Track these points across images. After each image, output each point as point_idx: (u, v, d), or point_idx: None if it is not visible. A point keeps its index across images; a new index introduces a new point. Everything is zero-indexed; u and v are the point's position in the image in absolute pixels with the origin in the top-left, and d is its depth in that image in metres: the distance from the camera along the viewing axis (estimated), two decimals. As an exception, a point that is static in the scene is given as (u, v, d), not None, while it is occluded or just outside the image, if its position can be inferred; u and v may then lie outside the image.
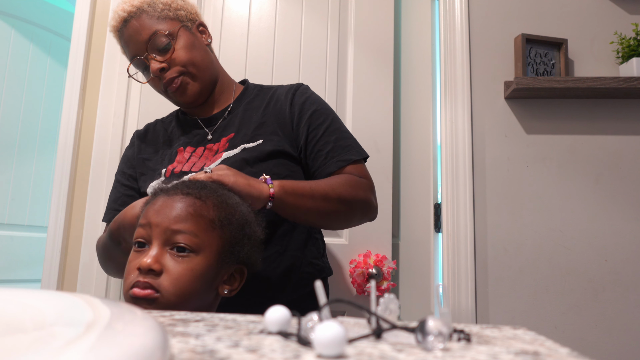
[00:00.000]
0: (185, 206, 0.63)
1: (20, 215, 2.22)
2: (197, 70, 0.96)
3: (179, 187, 0.66)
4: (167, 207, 0.63)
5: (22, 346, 0.22)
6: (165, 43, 0.93)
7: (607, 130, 1.55)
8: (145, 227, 0.63)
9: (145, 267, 0.59)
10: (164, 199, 0.64)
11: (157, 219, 0.62)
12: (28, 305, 0.30)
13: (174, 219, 0.62)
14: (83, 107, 1.63)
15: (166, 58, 0.94)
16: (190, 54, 0.95)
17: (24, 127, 2.26)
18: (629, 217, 1.50)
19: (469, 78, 1.58)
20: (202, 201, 0.64)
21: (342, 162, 0.94)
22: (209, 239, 0.63)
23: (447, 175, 1.54)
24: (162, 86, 0.96)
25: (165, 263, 0.61)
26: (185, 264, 0.61)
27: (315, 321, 0.34)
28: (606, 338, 1.44)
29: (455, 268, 1.48)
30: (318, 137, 0.96)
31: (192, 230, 0.62)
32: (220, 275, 0.66)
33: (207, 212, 0.64)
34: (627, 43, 1.51)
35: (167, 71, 0.94)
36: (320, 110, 1.00)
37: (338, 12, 1.62)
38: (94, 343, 0.21)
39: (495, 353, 0.31)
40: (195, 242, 0.62)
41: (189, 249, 0.62)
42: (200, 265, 0.62)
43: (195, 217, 0.63)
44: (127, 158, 1.06)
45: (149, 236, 0.63)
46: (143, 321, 0.26)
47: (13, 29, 2.23)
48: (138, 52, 0.95)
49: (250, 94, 1.05)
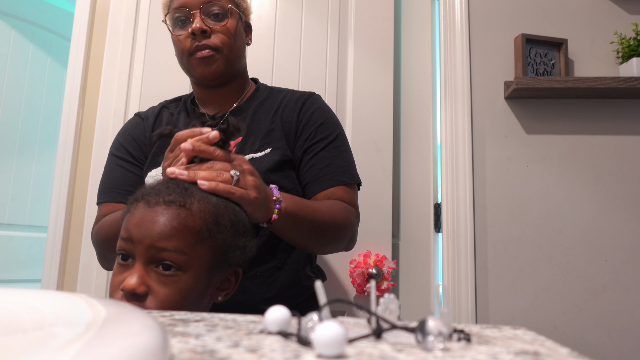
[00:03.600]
0: (169, 220, 0.56)
1: (20, 215, 2.22)
2: (230, 55, 0.94)
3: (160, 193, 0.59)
4: (149, 221, 0.57)
5: (22, 346, 0.22)
6: (221, 13, 0.93)
7: (607, 130, 1.55)
8: (127, 241, 0.57)
9: (129, 290, 0.54)
10: (144, 209, 0.58)
11: (139, 234, 0.56)
12: (28, 305, 0.30)
13: (157, 235, 0.56)
14: (83, 107, 1.63)
15: (212, 26, 0.92)
16: (234, 38, 0.94)
17: (24, 127, 2.25)
18: (629, 217, 1.50)
19: (469, 78, 1.58)
20: (187, 209, 0.58)
21: (334, 182, 0.91)
22: (198, 253, 0.58)
23: (447, 175, 1.54)
24: (191, 47, 0.92)
25: (151, 284, 0.56)
26: (172, 284, 0.56)
27: (315, 321, 0.34)
28: (606, 338, 1.44)
29: (455, 268, 1.48)
30: (317, 151, 0.94)
31: (179, 247, 0.56)
32: (213, 284, 0.61)
33: (194, 222, 0.58)
34: (627, 43, 1.51)
35: (207, 38, 0.91)
36: (327, 124, 0.97)
37: (338, 12, 1.62)
38: (93, 343, 0.21)
39: (495, 353, 0.31)
40: (183, 259, 0.56)
41: (175, 267, 0.56)
42: (189, 283, 0.57)
43: (181, 231, 0.56)
44: (133, 138, 0.99)
45: (131, 251, 0.57)
46: (143, 321, 0.26)
47: (13, 29, 2.23)
48: (190, 4, 0.91)
49: (261, 95, 1.03)
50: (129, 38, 1.62)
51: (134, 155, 0.98)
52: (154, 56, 1.59)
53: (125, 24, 1.62)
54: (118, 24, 1.63)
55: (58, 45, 2.40)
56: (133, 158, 0.97)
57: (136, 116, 1.05)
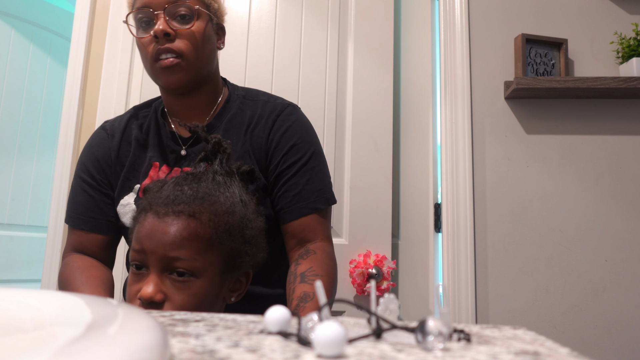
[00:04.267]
0: (179, 230, 0.58)
1: (20, 215, 2.22)
2: (196, 62, 0.86)
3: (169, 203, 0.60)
4: (159, 232, 0.58)
5: (22, 346, 0.22)
6: (187, 15, 0.85)
7: (607, 130, 1.55)
8: (139, 252, 0.59)
9: (147, 298, 0.57)
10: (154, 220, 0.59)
11: (151, 246, 0.58)
12: (28, 305, 0.30)
13: (169, 246, 0.58)
14: (83, 107, 1.63)
15: (177, 28, 0.85)
16: (200, 43, 0.86)
17: (24, 127, 2.26)
18: (629, 217, 1.50)
19: (469, 78, 1.58)
20: (196, 219, 0.59)
21: (307, 210, 0.87)
22: (209, 259, 0.60)
23: (447, 175, 1.54)
24: (153, 52, 0.85)
25: (167, 291, 0.58)
26: (187, 290, 0.58)
27: (315, 321, 0.34)
28: (606, 338, 1.44)
29: (455, 268, 1.48)
30: (289, 176, 0.89)
31: (190, 255, 0.58)
32: (225, 286, 0.64)
33: (204, 231, 0.59)
34: (627, 43, 1.51)
35: (170, 42, 0.84)
36: (299, 144, 0.91)
37: (338, 12, 1.62)
38: (93, 343, 0.21)
39: (495, 353, 0.31)
40: (195, 266, 0.58)
41: (189, 273, 0.59)
42: (203, 287, 0.59)
43: (191, 240, 0.58)
44: (96, 158, 0.92)
45: (145, 262, 0.59)
46: (143, 321, 0.26)
47: (13, 29, 2.23)
48: (154, 4, 0.84)
49: (232, 107, 0.94)
50: (129, 38, 1.62)
51: (97, 180, 0.91)
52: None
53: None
54: (118, 24, 1.63)
55: (58, 45, 2.40)
56: (96, 182, 0.91)
57: (102, 129, 0.96)
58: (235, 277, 0.65)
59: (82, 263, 0.86)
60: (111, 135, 0.94)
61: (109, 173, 0.92)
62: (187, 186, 0.63)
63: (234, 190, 0.65)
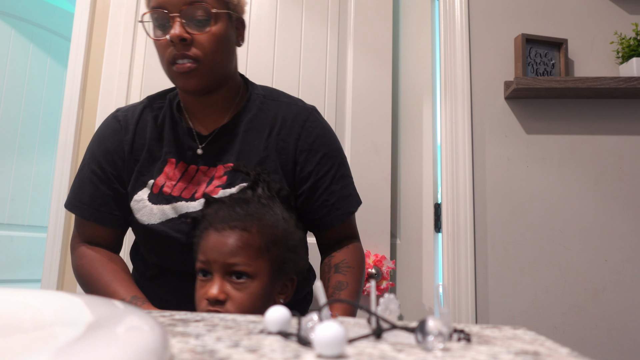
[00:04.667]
0: (234, 241, 0.72)
1: (20, 215, 2.22)
2: (213, 66, 0.84)
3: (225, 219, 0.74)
4: (220, 244, 0.72)
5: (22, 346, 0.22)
6: (204, 19, 0.82)
7: (607, 130, 1.55)
8: (205, 263, 0.73)
9: (212, 298, 0.69)
10: (215, 234, 0.73)
11: (214, 256, 0.72)
12: (28, 305, 0.30)
13: (228, 254, 0.71)
14: (83, 107, 1.63)
15: (194, 33, 0.82)
16: (218, 46, 0.84)
17: (24, 127, 2.26)
18: (629, 217, 1.50)
19: (469, 78, 1.58)
20: (248, 231, 0.73)
21: (345, 215, 0.93)
22: (260, 265, 0.73)
23: (447, 175, 1.54)
24: (169, 56, 0.82)
25: (229, 291, 0.71)
26: (245, 290, 0.71)
27: (315, 321, 0.34)
28: (606, 338, 1.44)
29: (455, 268, 1.48)
30: (325, 186, 0.91)
31: (245, 261, 0.71)
32: (275, 289, 0.76)
33: (254, 241, 0.73)
34: (627, 43, 1.51)
35: (186, 46, 0.81)
36: (330, 154, 0.93)
37: (338, 12, 1.62)
38: (93, 343, 0.21)
39: (495, 353, 0.31)
40: (249, 270, 0.71)
41: (245, 275, 0.71)
42: (257, 288, 0.72)
43: (244, 249, 0.72)
44: (108, 151, 0.90)
45: (209, 269, 0.73)
46: (143, 321, 0.26)
47: (13, 29, 2.23)
48: (170, 5, 0.81)
49: (253, 107, 0.93)
50: (129, 38, 1.62)
51: (107, 172, 0.90)
52: (154, 56, 1.58)
53: (125, 24, 1.62)
54: (118, 24, 1.63)
55: (58, 45, 2.40)
56: (105, 175, 0.89)
57: (114, 119, 0.93)
58: (282, 282, 0.77)
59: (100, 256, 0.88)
60: (124, 127, 0.91)
61: (122, 167, 0.90)
62: (238, 207, 0.76)
63: (276, 210, 0.78)
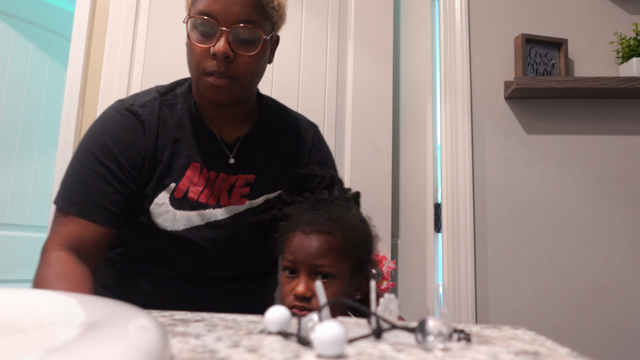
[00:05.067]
0: (320, 244, 0.78)
1: (20, 215, 2.22)
2: (248, 85, 0.83)
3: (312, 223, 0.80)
4: (307, 246, 0.78)
5: (22, 346, 0.22)
6: (251, 41, 0.79)
7: (607, 130, 1.55)
8: (292, 262, 0.79)
9: (300, 294, 0.75)
10: (302, 237, 0.79)
11: (302, 257, 0.77)
12: (28, 305, 0.30)
13: (314, 256, 0.77)
14: (83, 107, 1.63)
15: (239, 52, 0.78)
16: (257, 68, 0.83)
17: (24, 127, 2.25)
18: (629, 217, 1.50)
19: (469, 78, 1.58)
20: (332, 236, 0.78)
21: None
22: (342, 266, 0.78)
23: (447, 175, 1.54)
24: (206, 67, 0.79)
25: (314, 289, 0.76)
26: (329, 289, 0.77)
27: (315, 321, 0.34)
28: (606, 338, 1.44)
29: (455, 268, 1.48)
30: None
31: (329, 263, 0.77)
32: (353, 287, 0.82)
33: (338, 244, 0.78)
34: (627, 43, 1.51)
35: (228, 64, 0.78)
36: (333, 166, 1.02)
37: (338, 12, 1.62)
38: (93, 343, 0.21)
39: (495, 353, 0.31)
40: (333, 270, 0.77)
41: (330, 275, 0.77)
42: (340, 286, 0.78)
43: (329, 252, 0.78)
44: (128, 145, 0.82)
45: (296, 267, 0.78)
46: (143, 321, 0.26)
47: (13, 29, 2.23)
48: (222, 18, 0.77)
49: (270, 121, 0.94)
50: (129, 38, 1.62)
51: (124, 168, 0.81)
52: (154, 56, 1.58)
53: (125, 24, 1.62)
54: (118, 24, 1.63)
55: (58, 45, 2.40)
56: (121, 171, 0.81)
57: (131, 114, 0.85)
58: (359, 280, 0.82)
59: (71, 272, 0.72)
60: (147, 124, 0.84)
61: (141, 166, 0.83)
62: (321, 210, 0.81)
63: (354, 212, 0.84)
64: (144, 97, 0.88)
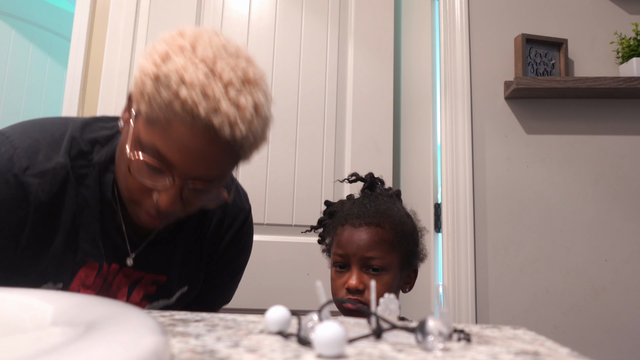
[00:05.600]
0: (370, 236, 0.78)
1: (20, 215, 2.22)
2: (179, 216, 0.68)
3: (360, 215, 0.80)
4: (357, 239, 0.78)
5: (22, 346, 0.22)
6: (207, 191, 0.64)
7: (607, 130, 1.55)
8: (342, 256, 0.79)
9: (353, 287, 0.76)
10: (352, 229, 0.79)
11: (352, 249, 0.78)
12: (28, 305, 0.30)
13: (365, 248, 0.77)
14: (83, 107, 1.63)
15: (188, 199, 0.63)
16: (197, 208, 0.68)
17: (24, 127, 2.26)
18: (629, 217, 1.50)
19: (469, 78, 1.58)
20: (382, 227, 0.79)
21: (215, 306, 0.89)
22: (392, 258, 0.79)
23: (447, 175, 1.54)
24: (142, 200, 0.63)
25: (366, 281, 0.78)
26: (380, 280, 0.78)
27: (315, 321, 0.34)
28: (606, 338, 1.44)
29: (455, 268, 1.48)
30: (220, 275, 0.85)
31: (380, 255, 0.78)
32: (403, 280, 0.83)
33: (387, 236, 0.79)
34: (627, 43, 1.51)
35: (171, 210, 0.62)
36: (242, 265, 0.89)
37: (338, 12, 1.62)
38: (93, 343, 0.21)
39: (495, 353, 0.31)
40: (383, 263, 0.78)
41: (380, 268, 0.78)
42: (390, 279, 0.79)
43: (380, 243, 0.78)
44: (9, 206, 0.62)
45: (347, 261, 0.79)
46: (143, 321, 0.26)
47: (13, 29, 2.23)
48: (182, 170, 0.59)
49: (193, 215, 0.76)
50: (129, 38, 1.62)
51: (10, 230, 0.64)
52: (154, 56, 1.58)
53: (125, 24, 1.62)
54: (118, 24, 1.63)
55: (58, 45, 2.40)
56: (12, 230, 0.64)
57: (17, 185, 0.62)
58: (407, 273, 0.84)
59: None
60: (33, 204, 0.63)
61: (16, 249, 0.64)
62: (367, 203, 0.82)
63: (399, 206, 0.85)
64: (47, 158, 0.65)
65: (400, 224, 0.81)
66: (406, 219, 0.84)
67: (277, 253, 1.48)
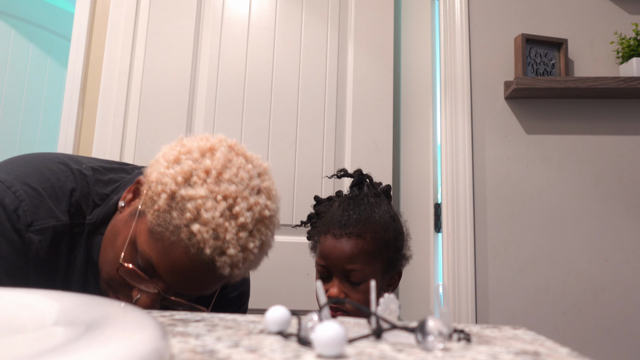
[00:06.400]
0: (351, 248, 0.79)
1: (20, 215, 2.22)
2: None
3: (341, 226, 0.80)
4: (338, 250, 0.79)
5: (22, 346, 0.22)
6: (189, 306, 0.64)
7: (607, 130, 1.55)
8: (324, 267, 0.80)
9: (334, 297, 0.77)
10: (333, 240, 0.80)
11: (333, 261, 0.79)
12: (28, 305, 0.30)
13: (345, 260, 0.78)
14: (83, 107, 1.63)
15: (165, 305, 0.63)
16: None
17: (24, 127, 2.25)
18: (629, 217, 1.50)
19: (469, 78, 1.58)
20: (362, 238, 0.79)
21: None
22: (373, 267, 0.79)
23: (447, 175, 1.54)
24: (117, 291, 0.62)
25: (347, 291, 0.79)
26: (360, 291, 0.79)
27: (315, 321, 0.34)
28: (606, 338, 1.44)
29: (455, 268, 1.48)
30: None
31: (360, 267, 0.78)
32: (385, 283, 0.84)
33: (368, 247, 0.79)
34: (627, 43, 1.51)
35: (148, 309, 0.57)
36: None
37: (338, 12, 1.62)
38: (93, 343, 0.21)
39: (495, 353, 0.31)
40: (365, 273, 0.78)
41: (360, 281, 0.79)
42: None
43: (360, 255, 0.78)
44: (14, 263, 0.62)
45: (328, 272, 0.80)
46: (143, 321, 0.26)
47: (13, 29, 2.23)
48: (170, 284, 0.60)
49: None
50: (129, 38, 1.62)
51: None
52: (154, 56, 1.59)
53: (125, 24, 1.62)
54: (118, 24, 1.63)
55: (58, 45, 2.40)
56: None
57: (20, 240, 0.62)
58: (390, 275, 0.85)
59: None
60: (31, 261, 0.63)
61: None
62: (351, 210, 0.82)
63: (383, 208, 0.84)
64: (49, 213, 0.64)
65: (382, 232, 0.81)
66: (390, 223, 0.84)
67: (277, 253, 1.47)
